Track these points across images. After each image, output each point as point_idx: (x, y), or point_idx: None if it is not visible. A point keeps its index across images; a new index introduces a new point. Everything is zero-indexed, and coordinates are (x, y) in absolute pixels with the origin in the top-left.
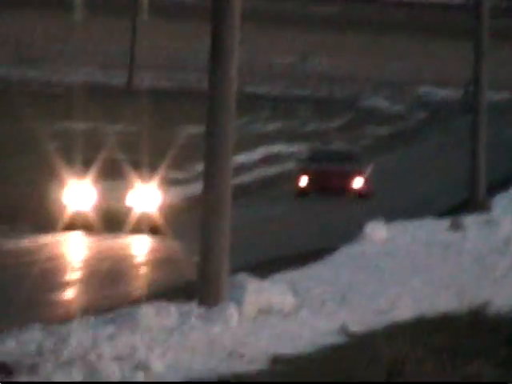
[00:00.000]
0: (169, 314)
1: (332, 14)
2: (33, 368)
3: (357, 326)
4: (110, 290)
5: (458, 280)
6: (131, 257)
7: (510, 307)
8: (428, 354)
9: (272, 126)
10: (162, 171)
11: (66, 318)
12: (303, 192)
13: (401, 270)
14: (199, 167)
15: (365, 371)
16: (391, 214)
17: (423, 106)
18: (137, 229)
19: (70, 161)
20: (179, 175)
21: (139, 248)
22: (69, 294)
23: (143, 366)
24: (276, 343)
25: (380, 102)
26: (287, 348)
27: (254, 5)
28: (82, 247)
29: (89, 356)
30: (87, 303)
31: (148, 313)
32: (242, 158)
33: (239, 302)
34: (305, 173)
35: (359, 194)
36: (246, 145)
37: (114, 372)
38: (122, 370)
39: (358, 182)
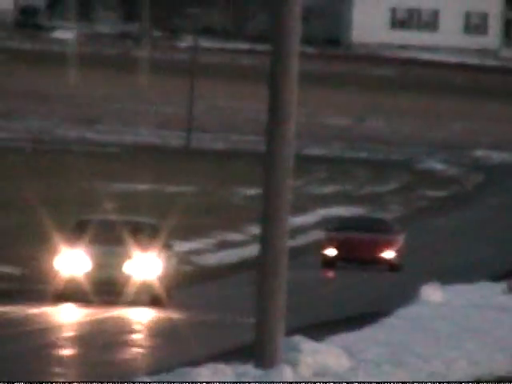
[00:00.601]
0: (225, 375)
1: (390, 76)
2: None
3: None
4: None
5: None
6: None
7: None
8: None
9: (329, 188)
10: (217, 233)
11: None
12: (330, 262)
13: (456, 333)
14: (255, 229)
15: None
16: (446, 277)
17: (479, 169)
18: (136, 299)
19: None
20: (235, 237)
21: (140, 322)
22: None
23: None
24: None
25: (436, 165)
26: None
27: (312, 67)
28: (79, 321)
29: None
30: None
31: (204, 374)
32: (298, 220)
33: (295, 364)
34: (332, 241)
35: (390, 266)
36: (302, 207)
37: None
38: None
39: (388, 253)
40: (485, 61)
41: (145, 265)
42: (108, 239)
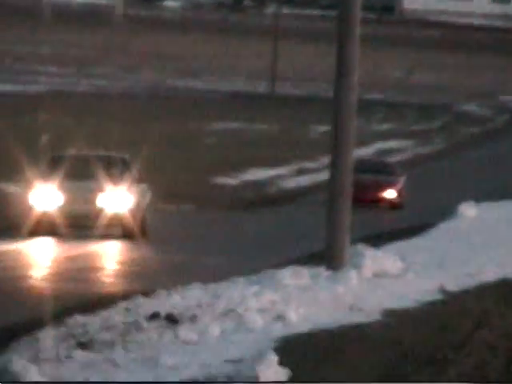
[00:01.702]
0: (302, 275)
1: (434, 36)
2: (193, 318)
3: (452, 286)
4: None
5: None
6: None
7: None
8: (509, 309)
9: (385, 127)
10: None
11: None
12: None
13: (487, 242)
14: (327, 159)
15: (458, 322)
16: (480, 196)
17: (506, 111)
18: (108, 233)
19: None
20: (311, 165)
21: (115, 255)
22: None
23: (281, 318)
24: (387, 300)
25: (471, 108)
26: (396, 304)
27: (370, 29)
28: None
29: (238, 309)
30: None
31: (286, 274)
32: (361, 152)
33: (358, 267)
34: None
35: (391, 205)
36: (364, 141)
37: (257, 322)
38: (264, 321)
39: (390, 194)
40: (508, 24)
41: (116, 198)
42: (80, 174)
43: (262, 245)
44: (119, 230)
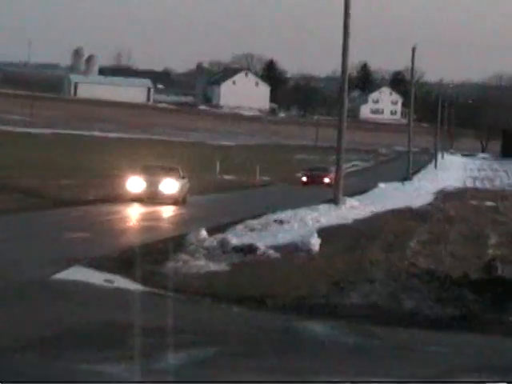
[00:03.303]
0: (326, 206)
1: (370, 127)
2: (288, 221)
3: (376, 210)
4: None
5: (405, 198)
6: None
7: (421, 205)
8: (397, 219)
9: (354, 157)
10: None
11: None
12: (304, 184)
13: (389, 195)
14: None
15: (377, 223)
16: (387, 180)
17: (396, 152)
18: (165, 202)
19: None
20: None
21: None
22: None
23: (319, 221)
24: (354, 216)
25: (383, 151)
26: (358, 216)
27: (348, 124)
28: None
29: (304, 219)
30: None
31: (320, 206)
32: (346, 166)
33: (345, 204)
34: (305, 174)
35: (328, 185)
36: (347, 162)
37: (309, 223)
38: (312, 222)
39: (328, 179)
40: (400, 121)
41: (170, 185)
42: (153, 173)
43: (312, 197)
44: (171, 200)
